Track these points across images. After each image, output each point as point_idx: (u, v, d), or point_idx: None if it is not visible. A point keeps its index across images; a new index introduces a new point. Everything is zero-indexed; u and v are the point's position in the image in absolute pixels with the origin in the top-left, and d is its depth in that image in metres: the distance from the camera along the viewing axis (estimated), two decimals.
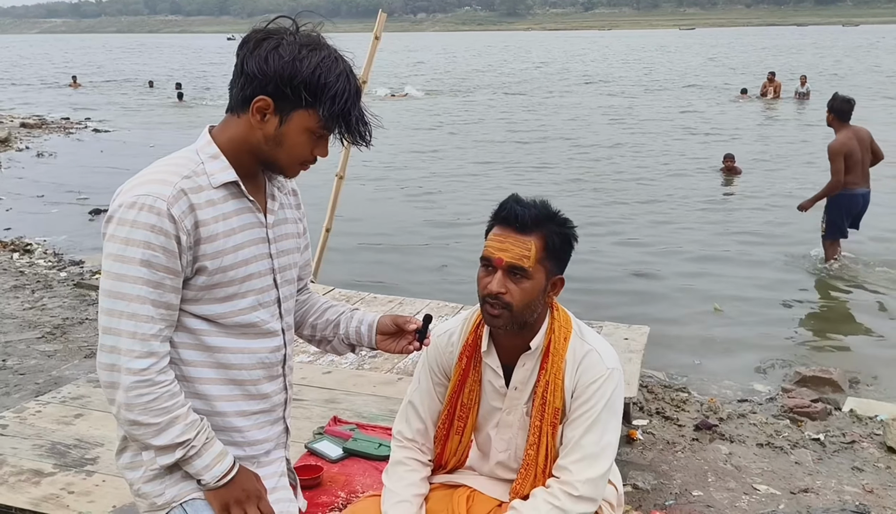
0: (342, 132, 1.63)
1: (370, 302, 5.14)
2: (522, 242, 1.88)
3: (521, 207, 1.90)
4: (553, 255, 1.92)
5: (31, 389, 4.53)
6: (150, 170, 1.63)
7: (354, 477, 2.97)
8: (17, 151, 15.37)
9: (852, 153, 7.16)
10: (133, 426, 1.60)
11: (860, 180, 7.24)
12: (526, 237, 1.88)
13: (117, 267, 1.56)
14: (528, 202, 1.92)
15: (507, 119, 20.60)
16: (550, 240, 1.91)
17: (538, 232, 1.89)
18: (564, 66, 44.40)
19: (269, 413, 1.80)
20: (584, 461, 1.93)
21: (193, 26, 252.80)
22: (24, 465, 3.01)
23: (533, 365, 2.00)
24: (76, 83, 32.93)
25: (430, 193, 11.60)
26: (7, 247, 8.10)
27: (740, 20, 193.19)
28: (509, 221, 1.90)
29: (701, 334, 6.17)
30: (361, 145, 1.67)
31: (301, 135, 1.61)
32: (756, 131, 17.42)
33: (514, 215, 1.89)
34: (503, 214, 1.91)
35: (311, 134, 1.62)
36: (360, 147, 1.68)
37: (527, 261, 1.87)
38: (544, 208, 1.92)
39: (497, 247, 1.89)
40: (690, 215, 10.04)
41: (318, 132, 1.62)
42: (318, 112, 1.58)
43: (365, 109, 1.64)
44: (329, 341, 2.00)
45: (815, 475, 3.75)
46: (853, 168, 7.17)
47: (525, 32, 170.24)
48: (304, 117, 1.59)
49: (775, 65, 35.04)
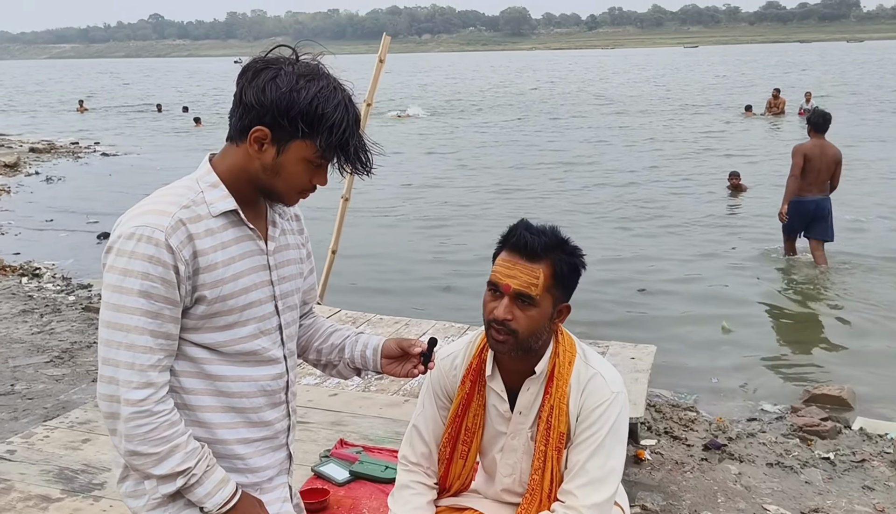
0: (341, 162, 1.64)
1: (376, 323, 5.15)
2: (531, 270, 1.87)
3: (531, 234, 1.89)
4: (561, 283, 1.91)
5: (40, 413, 4.54)
6: (150, 200, 1.63)
7: (361, 500, 2.96)
8: (27, 175, 15.49)
9: (811, 160, 7.67)
10: (133, 456, 1.60)
11: (813, 189, 7.75)
12: (535, 265, 1.87)
13: (115, 298, 1.56)
14: (538, 229, 1.91)
15: (516, 139, 20.67)
16: (559, 268, 1.90)
17: (547, 260, 1.88)
18: (575, 85, 44.37)
19: (271, 440, 1.80)
20: (589, 486, 1.92)
21: (201, 50, 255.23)
22: (31, 491, 3.01)
23: (537, 390, 2.00)
24: (83, 108, 33.24)
25: (436, 214, 11.61)
26: (16, 271, 8.15)
27: (744, 38, 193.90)
28: (519, 248, 1.89)
29: (709, 352, 6.14)
30: (363, 174, 1.67)
31: (299, 164, 1.62)
32: (763, 148, 17.42)
33: (523, 242, 1.88)
34: (513, 241, 1.90)
35: (308, 164, 1.62)
36: (361, 176, 1.69)
37: (535, 289, 1.87)
38: (554, 236, 1.91)
39: (505, 273, 1.89)
40: (696, 233, 10.03)
41: (315, 162, 1.62)
42: (316, 142, 1.58)
43: (365, 138, 1.65)
44: (335, 365, 1.99)
45: (826, 494, 3.72)
46: (808, 175, 7.69)
47: (529, 52, 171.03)
48: (302, 147, 1.60)
49: (787, 81, 35.04)
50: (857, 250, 7.59)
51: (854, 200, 10.93)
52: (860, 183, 12.41)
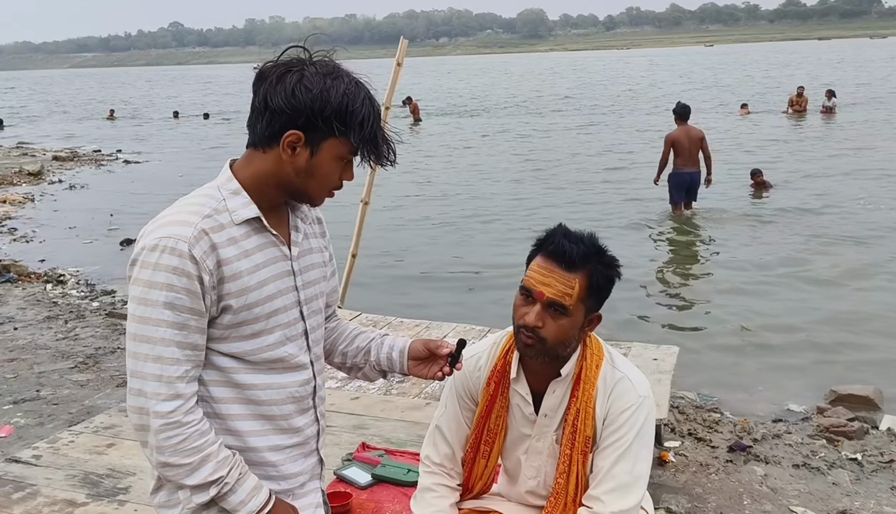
0: (369, 155, 1.64)
1: (397, 326, 5.15)
2: (567, 280, 1.84)
3: (569, 242, 1.85)
4: (595, 293, 1.89)
5: (65, 418, 4.58)
6: (172, 210, 1.63)
7: (383, 504, 2.96)
8: (50, 183, 15.66)
9: (679, 143, 10.17)
10: (165, 468, 1.60)
11: (687, 164, 10.25)
12: (571, 275, 1.84)
13: (141, 310, 1.57)
14: (577, 236, 1.88)
15: (541, 141, 20.63)
16: (595, 279, 1.87)
17: (584, 270, 1.85)
18: (608, 86, 43.73)
19: (302, 446, 1.79)
20: (616, 492, 1.90)
21: (220, 57, 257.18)
22: (57, 495, 3.04)
23: (563, 392, 1.98)
24: (113, 116, 33.41)
25: (458, 214, 11.60)
26: (41, 278, 8.24)
27: (764, 36, 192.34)
28: (556, 256, 1.85)
29: (731, 353, 6.08)
30: (387, 165, 1.67)
31: (332, 163, 1.62)
32: (785, 147, 17.27)
33: (561, 250, 1.84)
34: (550, 247, 1.87)
35: (341, 161, 1.63)
36: (385, 167, 1.69)
37: (569, 299, 1.84)
38: (592, 245, 1.88)
39: (540, 280, 1.86)
40: (714, 231, 9.96)
41: (346, 158, 1.64)
42: (350, 139, 1.59)
43: (386, 129, 1.66)
44: (360, 367, 1.98)
45: (854, 496, 3.67)
46: (681, 154, 10.18)
47: (547, 53, 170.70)
48: (336, 146, 1.60)
49: (818, 79, 34.22)
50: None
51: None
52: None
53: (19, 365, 5.55)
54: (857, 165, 14.33)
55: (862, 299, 7.21)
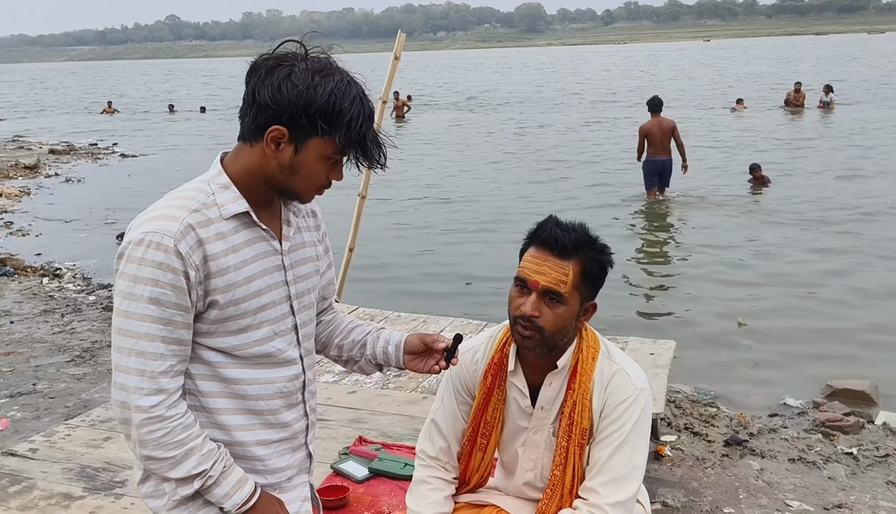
0: (358, 156, 1.62)
1: (394, 320, 5.15)
2: (561, 267, 1.85)
3: (561, 230, 1.86)
4: (589, 281, 1.90)
5: (61, 412, 4.58)
6: (160, 204, 1.62)
7: (380, 497, 2.97)
8: (46, 177, 15.62)
9: (651, 133, 10.95)
10: (149, 461, 1.60)
11: (659, 152, 10.98)
12: (564, 262, 1.85)
13: (126, 305, 1.56)
14: (568, 225, 1.89)
15: (538, 134, 20.61)
16: (588, 266, 1.88)
17: (577, 257, 1.86)
18: (607, 82, 43.47)
19: (290, 441, 1.79)
20: (612, 484, 1.90)
21: (217, 51, 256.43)
22: (53, 489, 3.04)
23: (560, 385, 1.98)
24: (111, 109, 33.23)
25: (455, 210, 11.60)
26: (37, 272, 8.22)
27: (762, 31, 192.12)
28: (548, 244, 1.86)
29: (727, 348, 6.09)
30: (377, 168, 1.65)
31: (317, 162, 1.60)
32: (782, 142, 17.27)
33: (553, 239, 1.85)
34: (542, 236, 1.88)
35: (326, 160, 1.60)
36: (375, 170, 1.67)
37: (563, 286, 1.85)
38: (584, 233, 1.89)
39: (534, 269, 1.86)
40: (715, 223, 9.97)
41: (333, 158, 1.61)
42: (335, 139, 1.56)
43: (378, 131, 1.62)
44: (356, 361, 1.98)
45: (849, 490, 3.68)
46: (654, 143, 10.94)
47: (545, 48, 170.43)
48: (321, 145, 1.57)
49: (820, 75, 34.09)
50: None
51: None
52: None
53: (16, 359, 5.55)
54: (855, 162, 14.33)
55: (859, 294, 7.22)
